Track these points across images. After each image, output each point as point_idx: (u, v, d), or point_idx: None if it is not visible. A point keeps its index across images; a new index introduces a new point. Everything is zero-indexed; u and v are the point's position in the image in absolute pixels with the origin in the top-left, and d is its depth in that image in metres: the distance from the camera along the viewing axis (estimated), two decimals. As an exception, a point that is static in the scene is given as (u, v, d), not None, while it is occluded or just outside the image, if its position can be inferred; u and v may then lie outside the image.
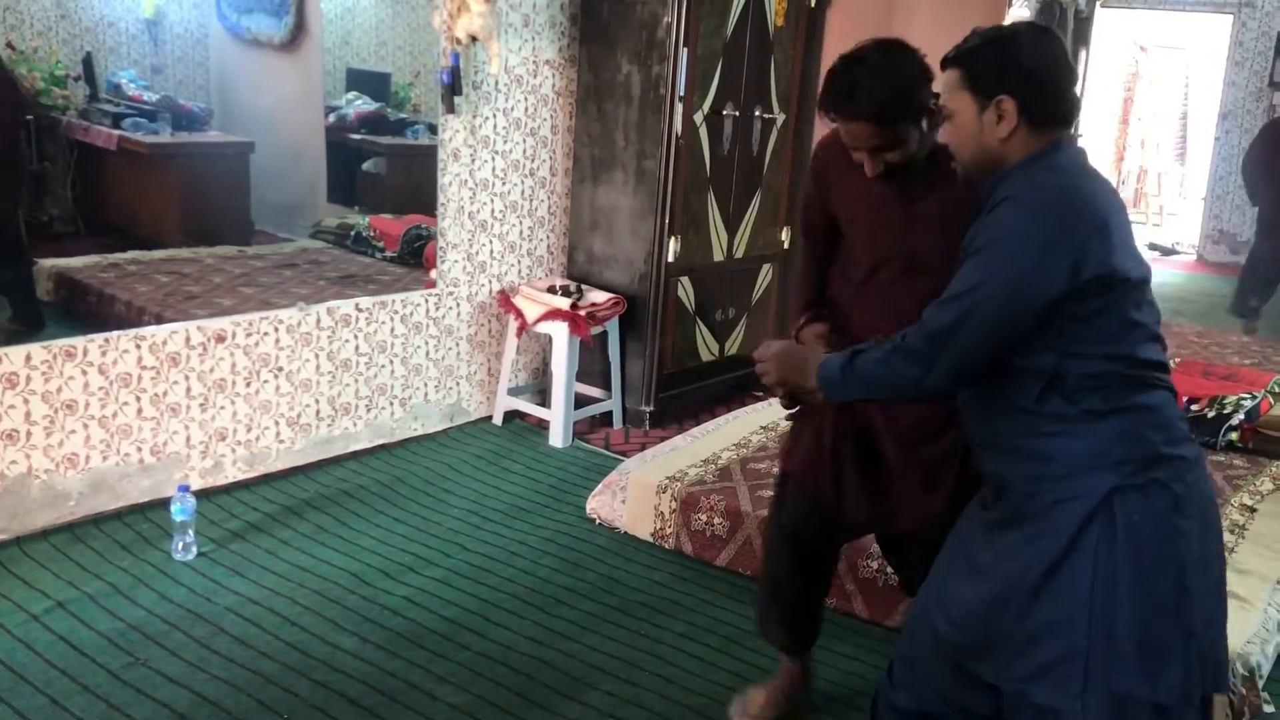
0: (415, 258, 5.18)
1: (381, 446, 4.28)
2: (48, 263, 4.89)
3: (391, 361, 4.26)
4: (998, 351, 1.77)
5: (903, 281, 2.25)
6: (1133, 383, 1.78)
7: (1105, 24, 8.60)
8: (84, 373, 3.35)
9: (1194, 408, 4.32)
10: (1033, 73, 1.79)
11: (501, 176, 4.51)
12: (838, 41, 5.14)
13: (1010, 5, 6.44)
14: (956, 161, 1.90)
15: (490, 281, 4.59)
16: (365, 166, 6.19)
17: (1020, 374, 1.79)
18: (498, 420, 4.67)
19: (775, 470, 2.81)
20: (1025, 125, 1.79)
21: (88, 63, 5.99)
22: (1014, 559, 1.83)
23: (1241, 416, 4.24)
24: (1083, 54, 7.30)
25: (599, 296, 4.54)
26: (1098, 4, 7.71)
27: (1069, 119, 1.84)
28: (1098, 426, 1.76)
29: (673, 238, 4.56)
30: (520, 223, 4.66)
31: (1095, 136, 10.83)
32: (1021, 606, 1.80)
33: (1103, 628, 1.75)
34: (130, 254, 5.15)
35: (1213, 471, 3.60)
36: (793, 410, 2.30)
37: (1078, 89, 1.89)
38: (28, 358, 3.22)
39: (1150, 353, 1.80)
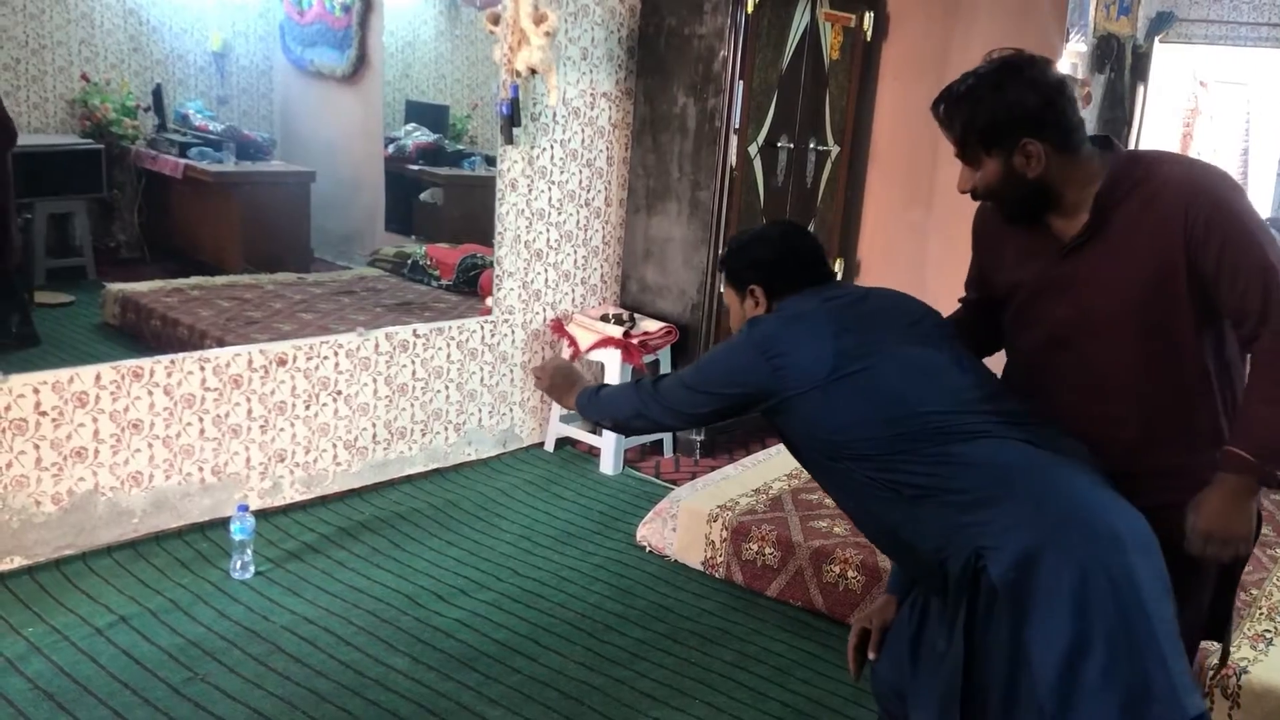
0: (470, 286, 5.25)
1: (436, 470, 4.33)
2: (114, 287, 5.03)
3: (447, 387, 4.32)
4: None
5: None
6: (921, 450, 1.86)
7: (1164, 59, 8.52)
8: (150, 393, 3.43)
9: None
10: (769, 269, 2.15)
11: (557, 206, 4.57)
12: (892, 75, 5.16)
13: (1067, 40, 6.42)
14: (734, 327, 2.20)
15: (544, 309, 4.64)
16: (422, 196, 6.31)
17: (828, 474, 2.03)
18: (550, 447, 4.70)
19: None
20: (771, 302, 2.13)
21: (157, 94, 6.18)
22: (944, 631, 1.87)
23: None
24: (1140, 89, 7.25)
25: (651, 325, 4.57)
26: (1156, 39, 7.67)
27: (810, 283, 2.13)
28: (923, 502, 1.84)
29: (726, 268, 4.58)
30: (575, 252, 4.71)
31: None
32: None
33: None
34: (193, 279, 5.29)
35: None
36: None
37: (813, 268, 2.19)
38: (97, 377, 3.31)
39: (925, 418, 1.88)
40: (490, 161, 5.37)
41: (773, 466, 4.07)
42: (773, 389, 1.95)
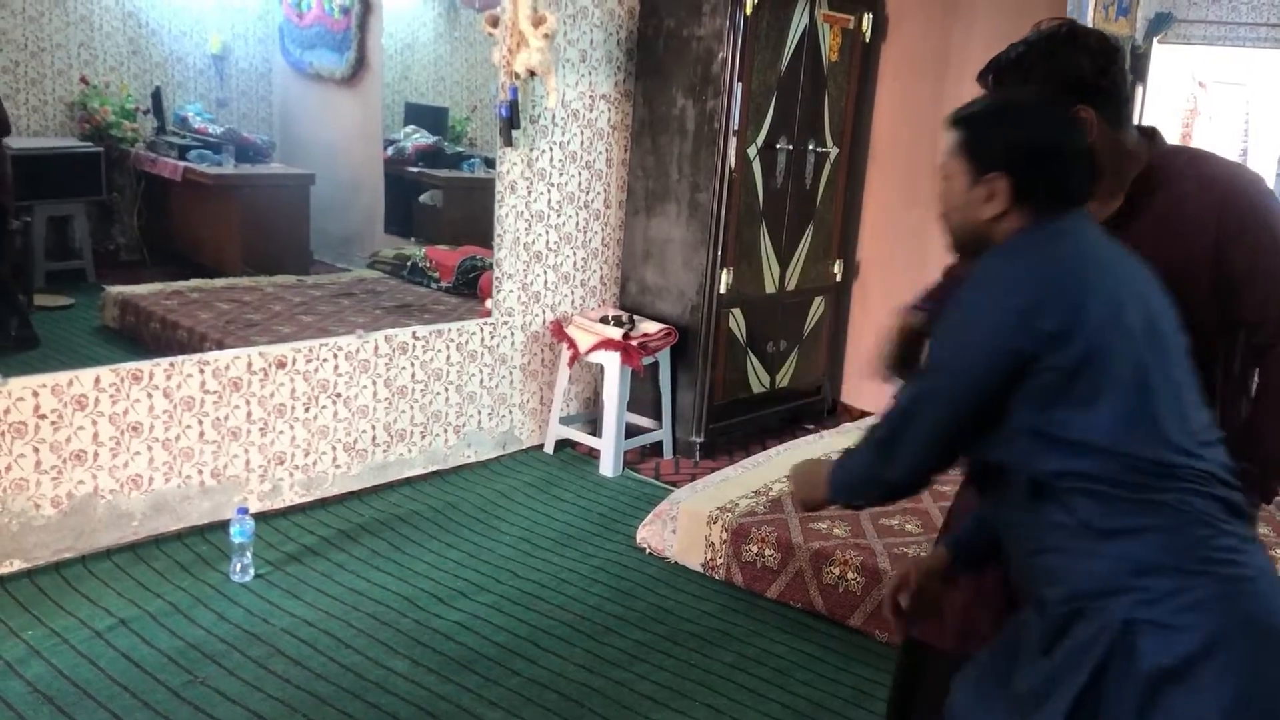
0: (470, 288, 5.26)
1: (435, 473, 4.33)
2: (114, 289, 5.04)
3: (446, 389, 4.32)
4: (963, 436, 1.56)
5: None
6: (1143, 490, 1.47)
7: (1163, 60, 8.52)
8: (149, 396, 3.43)
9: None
10: (1035, 154, 1.59)
11: (557, 208, 4.57)
12: (891, 76, 5.16)
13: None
14: (945, 225, 1.72)
15: (544, 311, 4.64)
16: (422, 199, 6.31)
17: (1006, 482, 1.57)
18: (549, 449, 4.70)
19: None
20: (1018, 207, 1.59)
21: (157, 97, 6.19)
22: (1045, 680, 1.55)
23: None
24: (1139, 90, 7.25)
25: (651, 327, 4.57)
26: (1155, 40, 7.67)
27: (1072, 203, 1.62)
28: (1102, 546, 1.48)
29: (725, 269, 4.58)
30: (574, 254, 4.71)
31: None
32: None
33: None
34: (193, 282, 5.29)
35: None
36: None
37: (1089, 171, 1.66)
38: (97, 380, 3.31)
39: (1166, 454, 1.48)
40: (489, 163, 5.38)
41: (772, 468, 4.07)
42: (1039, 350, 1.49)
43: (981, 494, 1.72)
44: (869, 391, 5.24)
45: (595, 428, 4.73)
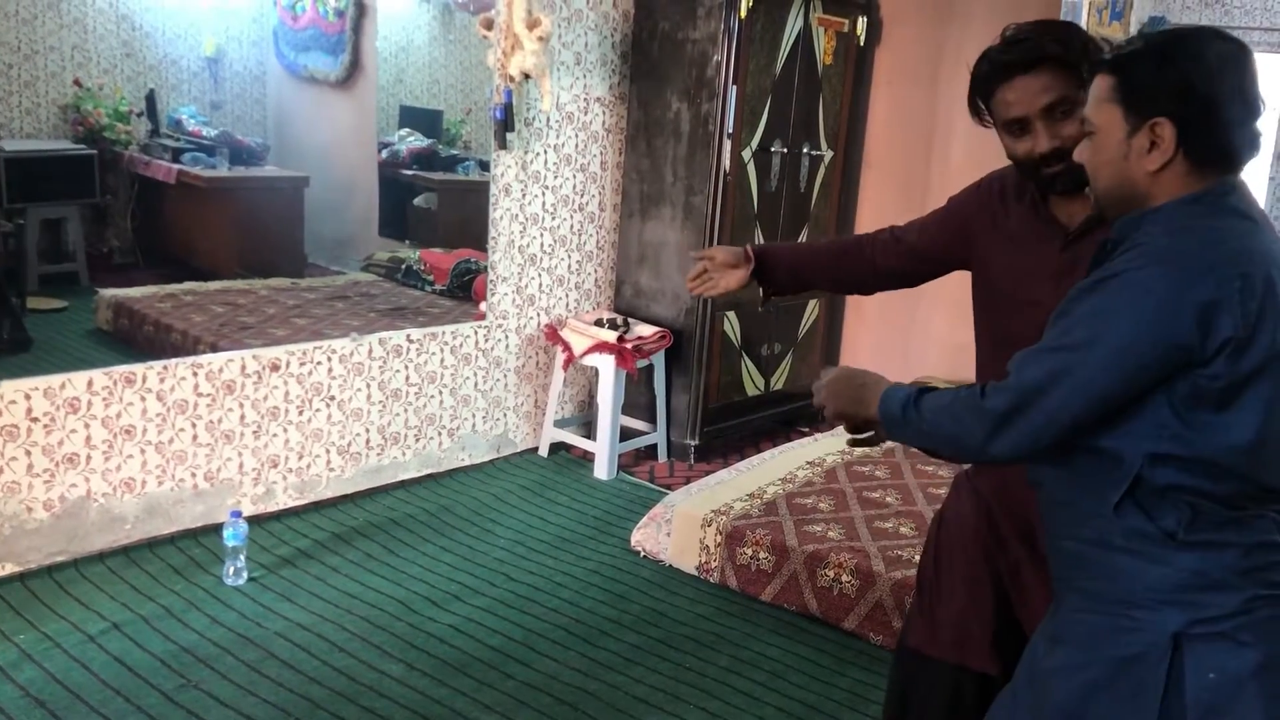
0: (464, 291, 5.24)
1: (429, 476, 4.33)
2: (107, 292, 5.02)
3: (441, 392, 4.31)
4: (1087, 425, 1.44)
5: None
6: (1238, 509, 1.41)
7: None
8: (143, 399, 3.42)
9: None
10: (1204, 97, 1.42)
11: (551, 211, 4.57)
12: (885, 80, 5.17)
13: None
14: (1091, 187, 1.56)
15: (539, 314, 4.64)
16: (416, 201, 6.30)
17: (1100, 469, 1.46)
18: (543, 452, 4.69)
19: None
20: (1183, 159, 1.43)
21: (150, 99, 6.17)
22: (1058, 682, 1.52)
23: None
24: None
25: (645, 330, 4.57)
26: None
27: (1237, 161, 1.46)
28: (1175, 555, 1.41)
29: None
30: (569, 256, 4.71)
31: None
32: None
33: None
34: (187, 285, 5.28)
35: None
36: (860, 438, 1.79)
37: (1259, 124, 1.46)
38: (90, 383, 3.30)
39: (1277, 480, 1.42)
40: (484, 166, 5.36)
41: (767, 471, 4.07)
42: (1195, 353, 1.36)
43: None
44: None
45: (590, 431, 4.72)
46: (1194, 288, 1.35)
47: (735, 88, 4.43)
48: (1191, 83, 1.41)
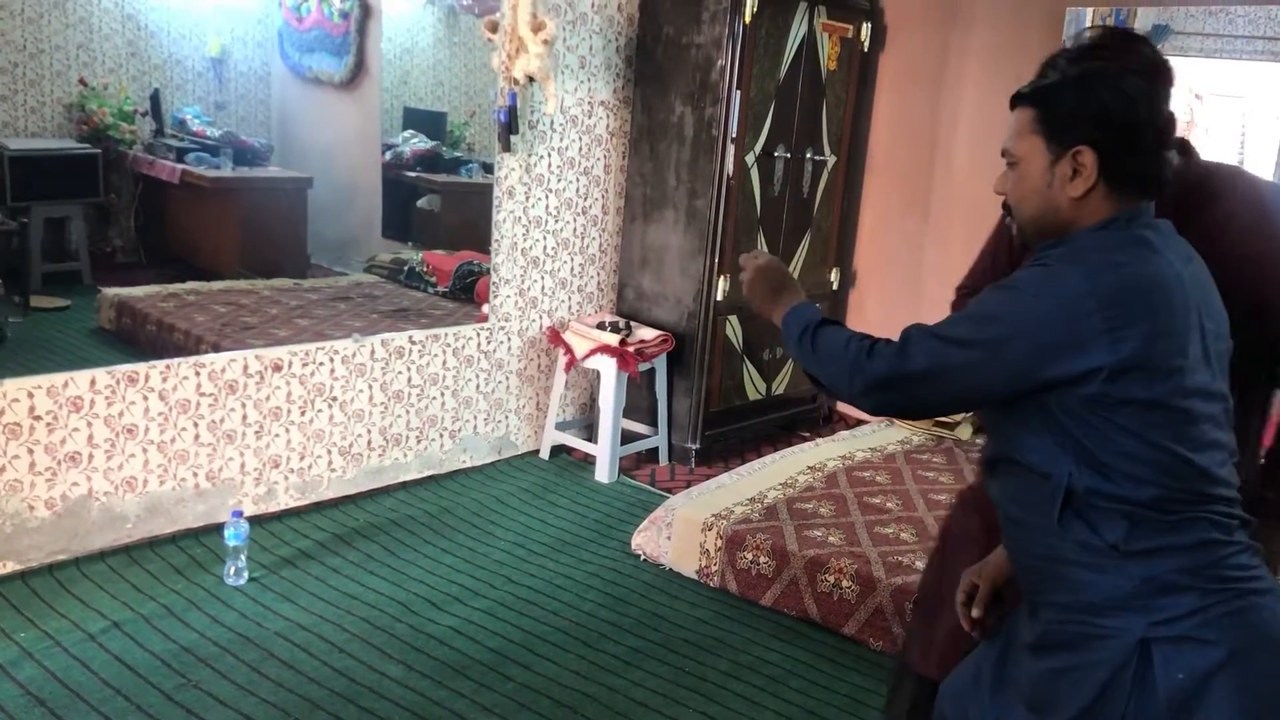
0: (467, 293, 5.25)
1: (431, 477, 4.33)
2: (110, 291, 5.03)
3: (442, 394, 4.32)
4: (961, 410, 1.53)
5: None
6: (1172, 514, 1.46)
7: (1159, 71, 8.54)
8: (145, 398, 3.43)
9: None
10: (1123, 125, 1.50)
11: (554, 214, 4.58)
12: (889, 85, 5.18)
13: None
14: (1014, 218, 1.63)
15: (541, 317, 4.64)
16: (420, 203, 6.31)
17: (1037, 485, 1.52)
18: (545, 454, 4.69)
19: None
20: (1103, 185, 1.51)
21: (155, 99, 6.18)
22: (1041, 690, 1.57)
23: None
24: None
25: (648, 333, 4.57)
26: (1152, 51, 7.66)
27: (1154, 186, 1.54)
28: (1124, 564, 1.47)
29: (722, 276, 4.58)
30: (571, 259, 4.72)
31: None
32: None
33: None
34: (190, 284, 5.29)
35: None
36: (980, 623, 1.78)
37: (1171, 153, 1.55)
38: (92, 382, 3.30)
39: (1201, 484, 1.48)
40: (488, 169, 5.38)
41: (768, 475, 4.07)
42: (1100, 360, 1.43)
43: (989, 475, 1.65)
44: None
45: (591, 434, 4.72)
46: (1073, 309, 1.43)
47: (739, 92, 4.43)
48: (1110, 112, 1.50)
